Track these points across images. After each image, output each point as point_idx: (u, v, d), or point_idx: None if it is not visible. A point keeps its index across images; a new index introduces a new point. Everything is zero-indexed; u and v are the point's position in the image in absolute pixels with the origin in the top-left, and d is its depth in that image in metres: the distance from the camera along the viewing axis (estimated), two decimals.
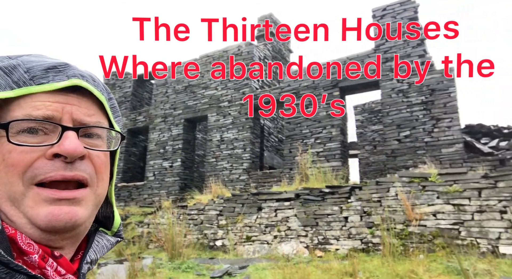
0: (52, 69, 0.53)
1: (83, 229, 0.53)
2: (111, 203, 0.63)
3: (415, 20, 9.17)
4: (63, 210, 0.49)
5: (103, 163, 0.55)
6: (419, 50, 8.79)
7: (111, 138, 0.58)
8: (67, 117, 0.51)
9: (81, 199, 0.51)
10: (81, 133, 0.52)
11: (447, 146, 7.66)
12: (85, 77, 0.55)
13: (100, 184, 0.55)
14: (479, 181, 5.01)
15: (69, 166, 0.50)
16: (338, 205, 5.98)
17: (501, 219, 4.79)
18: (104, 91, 0.58)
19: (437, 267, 4.88)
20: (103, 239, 0.61)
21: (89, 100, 0.55)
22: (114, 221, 0.63)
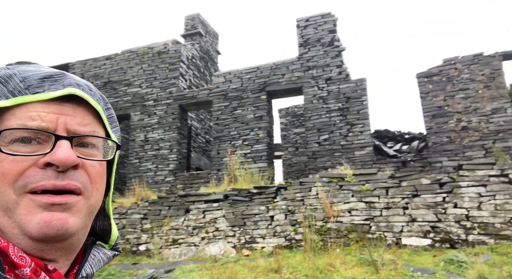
0: (48, 79, 0.52)
1: (75, 240, 0.52)
2: (108, 216, 0.62)
3: (334, 32, 9.97)
4: (55, 216, 0.48)
5: (98, 173, 0.54)
6: (337, 61, 9.58)
7: (107, 147, 0.57)
8: (61, 127, 0.51)
9: (72, 205, 0.50)
10: (75, 143, 0.52)
11: (360, 149, 8.50)
12: (81, 86, 0.55)
13: (94, 194, 0.54)
14: (386, 181, 5.68)
15: (61, 175, 0.49)
16: (265, 205, 6.23)
17: (403, 214, 5.50)
18: (101, 100, 0.58)
19: (351, 259, 5.40)
20: (100, 252, 0.60)
21: (84, 110, 0.54)
22: (111, 234, 0.62)
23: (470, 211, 5.20)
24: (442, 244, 5.27)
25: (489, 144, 7.58)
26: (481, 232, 5.11)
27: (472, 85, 8.02)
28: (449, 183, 5.38)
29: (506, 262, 4.76)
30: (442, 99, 8.20)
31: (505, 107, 7.70)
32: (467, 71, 8.16)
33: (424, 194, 5.44)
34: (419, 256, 5.34)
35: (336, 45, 9.79)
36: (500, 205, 5.06)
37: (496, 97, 7.79)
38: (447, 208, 5.32)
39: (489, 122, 7.72)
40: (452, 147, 7.92)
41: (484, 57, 8.14)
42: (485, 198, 5.14)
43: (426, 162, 8.06)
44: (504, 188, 5.06)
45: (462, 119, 7.92)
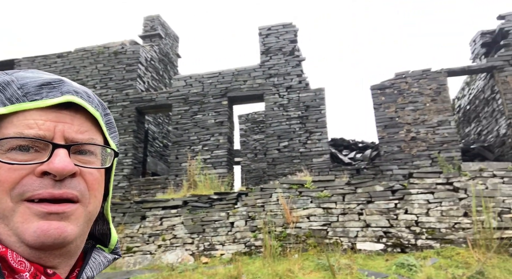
0: (46, 86, 0.52)
1: (74, 247, 0.52)
2: (107, 220, 0.63)
3: (294, 42, 10.23)
4: (53, 225, 0.48)
5: (96, 180, 0.54)
6: (297, 70, 9.82)
7: (105, 154, 0.57)
8: (59, 135, 0.51)
9: (70, 214, 0.50)
10: (73, 150, 0.52)
11: (317, 156, 8.74)
12: (79, 93, 0.54)
13: (92, 201, 0.54)
14: (343, 188, 5.89)
15: (58, 184, 0.49)
16: (226, 211, 6.18)
17: (358, 220, 5.72)
18: (99, 107, 0.58)
19: (309, 264, 5.51)
20: (100, 256, 0.60)
21: (82, 116, 0.54)
22: (111, 238, 0.63)
23: (419, 217, 5.53)
24: (394, 248, 5.55)
25: (435, 154, 8.15)
26: (429, 236, 5.45)
27: (420, 98, 8.60)
28: (400, 190, 5.69)
29: (450, 265, 5.11)
30: (394, 111, 8.70)
31: (449, 120, 8.33)
32: (417, 85, 8.75)
33: (378, 200, 5.71)
34: (372, 261, 5.57)
35: (296, 55, 10.05)
36: (446, 211, 5.44)
37: (441, 110, 8.41)
38: (399, 214, 5.62)
39: (435, 133, 8.30)
40: (401, 156, 8.40)
41: (431, 73, 8.78)
42: (432, 205, 5.50)
43: (378, 170, 8.47)
44: (449, 196, 5.46)
45: (411, 130, 8.45)
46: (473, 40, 9.99)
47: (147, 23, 13.38)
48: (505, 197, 5.27)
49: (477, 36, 9.75)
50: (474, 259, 5.10)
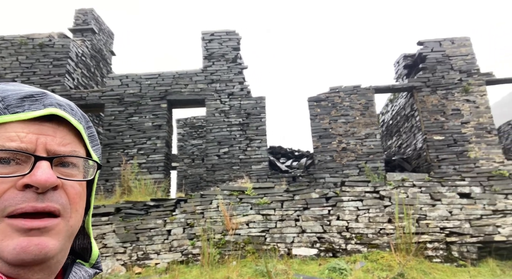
0: (29, 98, 0.52)
1: (54, 262, 0.51)
2: (88, 235, 0.62)
3: (237, 50, 10.35)
4: (33, 241, 0.47)
5: (77, 193, 0.54)
6: (239, 77, 9.94)
7: (88, 167, 0.57)
8: (41, 147, 0.51)
9: (51, 229, 0.49)
10: (55, 163, 0.52)
11: (257, 163, 8.90)
12: (62, 106, 0.54)
13: (74, 215, 0.53)
14: (282, 195, 6.07)
15: (41, 197, 0.49)
16: (162, 219, 5.96)
17: (295, 226, 5.93)
18: (82, 120, 0.58)
19: (247, 271, 5.55)
20: (81, 270, 0.59)
21: (65, 129, 0.54)
22: (92, 253, 0.62)
23: (349, 223, 5.92)
24: (326, 253, 5.85)
25: (362, 164, 8.81)
26: (357, 241, 5.86)
27: (351, 112, 9.26)
28: (333, 197, 6.05)
29: (376, 268, 5.54)
30: (328, 122, 9.24)
31: (375, 133, 9.09)
32: (348, 99, 9.41)
33: (313, 207, 5.99)
34: (307, 265, 5.81)
35: (239, 63, 10.17)
36: (373, 218, 5.90)
37: (369, 124, 9.15)
38: (332, 220, 5.95)
39: (363, 145, 8.99)
40: (333, 165, 8.94)
41: (361, 89, 9.52)
42: (361, 212, 5.93)
43: (312, 177, 8.89)
44: (376, 203, 5.94)
45: (343, 141, 9.04)
46: (397, 62, 11.08)
47: (79, 16, 12.47)
48: (422, 205, 5.90)
49: (400, 58, 10.83)
50: (396, 262, 5.60)
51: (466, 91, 9.31)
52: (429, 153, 8.90)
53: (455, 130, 9.02)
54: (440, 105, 9.25)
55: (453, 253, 5.77)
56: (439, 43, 9.86)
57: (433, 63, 9.66)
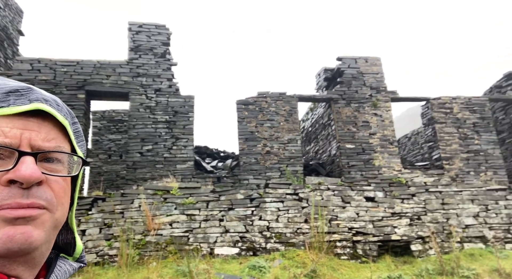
0: (14, 93, 0.51)
1: (38, 254, 0.51)
2: (71, 230, 0.62)
3: (167, 45, 10.08)
4: (19, 230, 0.47)
5: (62, 188, 0.54)
6: (168, 74, 9.69)
7: (72, 163, 0.56)
8: (25, 143, 0.50)
9: (36, 218, 0.49)
10: (40, 158, 0.51)
11: (182, 163, 8.77)
12: (48, 101, 0.54)
13: (60, 209, 0.53)
14: (208, 195, 6.12)
15: (26, 192, 0.49)
16: (77, 218, 5.54)
17: (219, 226, 6.03)
18: (68, 115, 0.58)
19: (168, 271, 5.47)
20: (66, 264, 0.60)
21: (50, 124, 0.54)
22: (76, 248, 0.62)
23: (270, 223, 6.22)
24: (247, 252, 6.06)
25: (284, 167, 9.30)
26: (276, 240, 6.19)
27: (276, 117, 9.72)
28: (257, 198, 6.30)
29: (292, 265, 5.93)
30: (254, 126, 9.55)
31: (296, 139, 9.68)
32: (274, 105, 9.85)
33: (238, 207, 6.15)
34: (228, 264, 5.95)
35: (168, 58, 9.91)
36: (291, 218, 6.29)
37: (291, 130, 9.70)
38: (254, 220, 6.19)
39: (285, 149, 9.50)
40: (257, 168, 9.26)
41: (286, 96, 10.04)
42: (282, 212, 6.28)
43: (236, 179, 9.09)
44: (295, 204, 6.35)
45: (267, 145, 9.43)
46: (318, 74, 11.94)
47: None
48: (335, 207, 6.48)
49: (321, 71, 11.70)
50: (310, 259, 6.06)
51: (374, 106, 10.46)
52: (341, 159, 9.78)
53: (364, 140, 10.06)
54: (353, 117, 10.24)
55: (358, 251, 6.45)
56: (355, 60, 10.91)
57: (349, 78, 10.65)
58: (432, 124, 10.67)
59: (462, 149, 10.44)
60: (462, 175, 10.23)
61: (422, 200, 6.98)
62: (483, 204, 7.27)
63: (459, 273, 5.97)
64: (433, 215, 6.93)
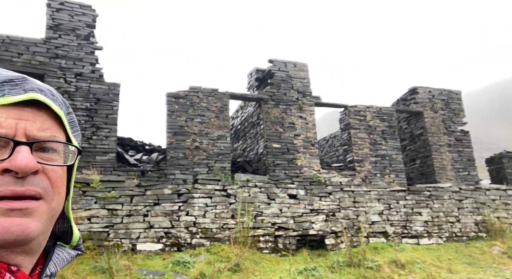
0: (8, 83, 0.51)
1: (36, 244, 0.52)
2: (68, 218, 0.62)
3: (92, 28, 9.36)
4: (15, 222, 0.47)
5: (60, 177, 0.54)
6: (91, 58, 9.00)
7: (68, 152, 0.57)
8: (20, 132, 0.51)
9: (33, 210, 0.49)
10: (35, 148, 0.52)
11: (102, 154, 8.24)
12: (43, 91, 0.54)
13: (56, 198, 0.54)
14: (133, 189, 5.87)
15: (20, 181, 0.49)
16: None
17: (143, 222, 5.84)
18: (63, 105, 0.58)
19: (84, 268, 5.14)
20: (64, 252, 0.60)
21: (45, 114, 0.54)
22: (73, 236, 0.63)
23: (197, 219, 6.22)
24: (172, 247, 5.98)
25: (212, 163, 9.34)
26: (202, 236, 6.22)
27: (207, 113, 9.70)
28: (186, 194, 6.24)
29: (217, 260, 6.02)
30: (184, 120, 9.40)
31: (226, 136, 9.78)
32: (206, 100, 9.81)
33: (164, 203, 6.03)
34: (151, 260, 5.80)
35: (92, 42, 9.20)
36: (219, 214, 6.38)
37: (222, 127, 9.77)
38: (181, 215, 6.13)
39: (214, 145, 9.53)
40: (185, 163, 9.14)
41: (218, 93, 10.08)
42: (209, 208, 6.33)
43: (162, 173, 8.85)
44: (223, 200, 6.44)
45: (197, 140, 9.36)
46: (250, 73, 12.21)
47: None
48: (261, 203, 6.74)
49: (253, 71, 11.98)
50: (234, 254, 6.21)
51: (300, 109, 11.08)
52: (267, 158, 10.16)
53: (289, 141, 10.60)
54: (280, 118, 10.70)
55: (279, 245, 6.81)
56: (285, 64, 11.42)
57: (279, 81, 11.10)
58: (348, 129, 11.68)
59: (371, 153, 11.63)
60: (370, 177, 11.40)
61: (337, 198, 7.63)
62: (387, 203, 8.23)
63: (365, 264, 6.67)
64: (346, 212, 7.63)
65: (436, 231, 8.54)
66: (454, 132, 12.75)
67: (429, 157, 12.25)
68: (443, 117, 12.81)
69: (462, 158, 12.48)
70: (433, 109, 12.79)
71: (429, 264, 7.30)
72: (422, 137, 12.64)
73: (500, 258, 8.04)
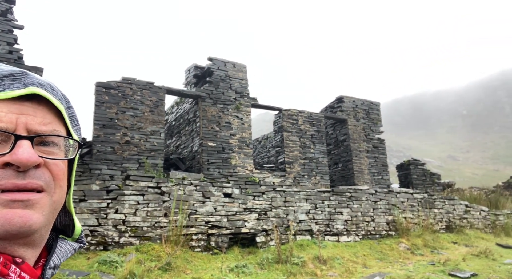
0: (9, 77, 0.52)
1: (38, 237, 0.52)
2: (69, 212, 0.63)
3: (11, 3, 8.37)
4: (17, 213, 0.48)
5: (61, 170, 0.55)
6: (9, 37, 8.04)
7: (68, 146, 0.57)
8: (21, 127, 0.51)
9: (35, 202, 0.50)
10: (36, 142, 0.52)
11: None
12: (43, 85, 0.54)
13: (58, 191, 0.54)
14: None
15: (22, 174, 0.50)
16: None
17: None
18: (63, 100, 0.58)
19: None
20: (66, 244, 0.61)
21: (45, 108, 0.55)
22: (75, 229, 0.63)
23: (127, 217, 5.95)
24: (97, 246, 5.64)
25: (143, 159, 8.97)
26: (132, 234, 5.96)
27: (141, 106, 9.29)
28: (115, 190, 5.93)
29: (147, 259, 5.82)
30: (115, 112, 8.88)
31: (160, 131, 9.48)
32: (140, 93, 9.40)
33: (91, 199, 5.66)
34: (74, 260, 5.40)
35: (11, 19, 8.22)
36: (151, 212, 6.17)
37: (156, 122, 9.44)
38: (109, 213, 5.80)
39: (147, 141, 9.17)
40: (113, 157, 8.63)
41: (154, 87, 9.72)
42: (141, 206, 6.09)
43: (87, 168, 8.23)
44: (156, 198, 6.25)
45: (127, 134, 8.91)
46: (188, 70, 12.00)
47: None
48: (195, 202, 6.69)
49: (191, 67, 11.79)
50: (165, 253, 6.07)
51: (237, 109, 11.22)
52: (202, 156, 10.09)
53: (224, 140, 10.66)
54: (217, 117, 10.71)
55: (211, 243, 6.83)
56: (224, 63, 11.46)
57: (217, 79, 11.10)
58: (281, 132, 12.15)
59: (301, 156, 12.25)
60: (299, 178, 12.00)
61: (269, 198, 7.91)
62: (314, 203, 8.76)
63: (291, 261, 7.03)
64: (277, 211, 7.95)
65: (354, 229, 9.32)
66: (372, 140, 14.02)
67: (350, 161, 13.30)
68: (364, 125, 14.01)
69: (378, 163, 13.79)
70: (355, 117, 13.92)
71: (347, 260, 7.95)
72: (345, 143, 13.68)
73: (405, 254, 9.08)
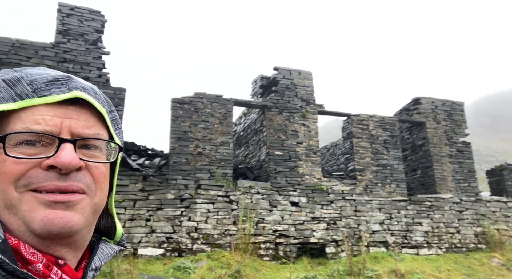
0: (55, 82, 0.54)
1: (80, 237, 0.54)
2: (111, 214, 0.64)
3: (100, 33, 9.50)
4: (59, 214, 0.50)
5: (102, 173, 0.56)
6: (98, 63, 9.13)
7: (110, 149, 0.59)
8: (65, 130, 0.53)
9: (76, 204, 0.51)
10: (79, 145, 0.54)
11: None
12: (86, 89, 0.57)
13: (99, 193, 0.56)
14: (136, 193, 5.93)
15: (64, 177, 0.51)
16: None
17: (145, 226, 5.89)
18: (105, 104, 0.60)
19: None
20: (107, 247, 0.62)
21: (88, 112, 0.56)
22: (116, 231, 0.64)
23: (199, 224, 6.27)
24: (172, 253, 6.02)
25: (214, 169, 9.39)
26: (203, 241, 6.25)
27: (211, 119, 9.78)
28: (188, 199, 6.30)
29: (217, 266, 6.05)
30: (188, 126, 9.48)
31: (229, 142, 9.85)
32: (210, 107, 9.90)
33: (167, 207, 6.08)
34: (152, 265, 5.84)
35: (100, 46, 9.34)
36: (220, 220, 6.42)
37: (225, 133, 9.84)
38: (183, 221, 6.18)
39: (217, 151, 9.60)
40: (187, 168, 9.20)
41: (222, 99, 10.17)
42: (211, 214, 6.37)
43: (164, 178, 8.90)
44: (225, 206, 6.49)
45: (199, 146, 9.43)
46: (255, 81, 12.32)
47: None
48: (262, 210, 6.78)
49: (258, 78, 12.09)
50: (235, 260, 6.25)
51: (303, 117, 11.16)
52: (269, 165, 10.21)
53: (291, 148, 10.65)
54: (283, 125, 10.77)
55: (279, 252, 6.83)
56: (290, 72, 11.52)
57: (283, 88, 11.20)
58: (351, 138, 11.72)
59: (373, 163, 11.65)
60: (371, 186, 11.42)
61: (338, 207, 7.67)
62: (388, 213, 8.25)
63: (365, 274, 6.68)
64: (347, 220, 7.66)
65: (436, 241, 8.54)
66: (456, 143, 12.77)
67: (430, 167, 12.27)
68: (445, 128, 12.84)
69: (463, 170, 12.48)
70: (435, 119, 12.84)
71: (428, 275, 7.30)
72: (424, 148, 12.67)
73: (499, 270, 8.03)
